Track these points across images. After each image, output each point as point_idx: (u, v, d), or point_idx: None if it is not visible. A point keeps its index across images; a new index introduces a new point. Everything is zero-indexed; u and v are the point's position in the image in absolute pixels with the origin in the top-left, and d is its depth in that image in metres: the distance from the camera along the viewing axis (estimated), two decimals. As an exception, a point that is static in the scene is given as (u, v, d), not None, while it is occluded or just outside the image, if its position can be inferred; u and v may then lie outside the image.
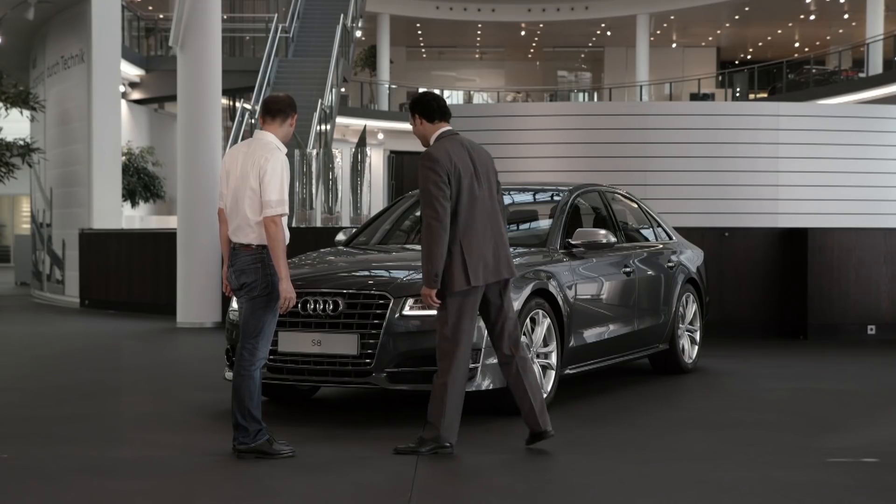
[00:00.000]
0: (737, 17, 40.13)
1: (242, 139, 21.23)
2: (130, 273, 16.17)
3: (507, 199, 9.33)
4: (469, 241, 6.17)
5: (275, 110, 6.21)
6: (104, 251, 16.78)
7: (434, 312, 6.91)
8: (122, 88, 21.78)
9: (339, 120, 28.38)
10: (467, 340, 6.22)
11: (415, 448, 6.19)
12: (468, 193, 6.21)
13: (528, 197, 9.27)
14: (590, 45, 45.78)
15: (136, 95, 25.69)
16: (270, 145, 6.13)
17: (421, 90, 7.03)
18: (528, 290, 7.27)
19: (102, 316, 15.64)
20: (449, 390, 6.16)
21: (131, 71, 24.38)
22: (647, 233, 9.70)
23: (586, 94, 46.31)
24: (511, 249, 7.86)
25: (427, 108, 6.37)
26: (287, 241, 6.14)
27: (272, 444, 6.09)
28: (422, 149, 6.42)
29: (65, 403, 8.17)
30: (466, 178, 6.21)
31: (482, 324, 6.70)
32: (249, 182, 6.04)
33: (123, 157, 21.27)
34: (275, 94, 6.36)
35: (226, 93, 22.91)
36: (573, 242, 8.11)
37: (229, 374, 7.59)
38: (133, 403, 8.46)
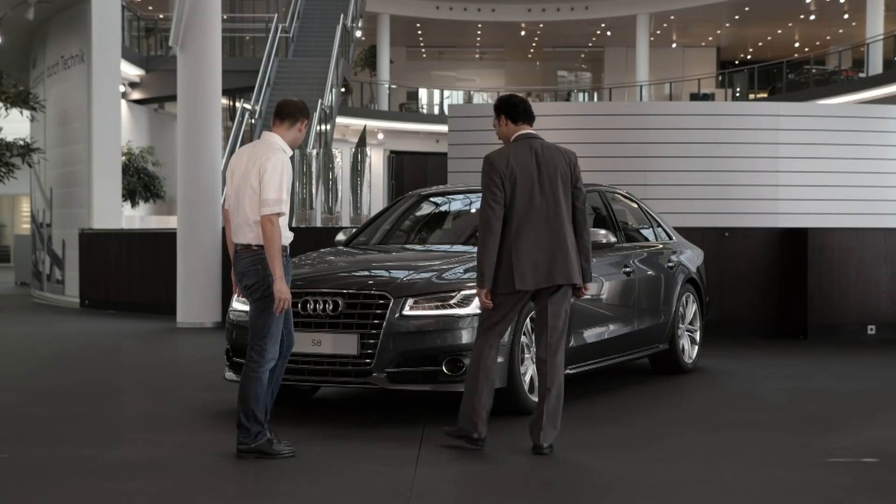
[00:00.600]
0: (737, 17, 40.13)
1: (242, 139, 21.26)
2: (130, 273, 16.17)
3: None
4: (519, 245, 6.18)
5: (284, 113, 6.23)
6: (104, 251, 16.79)
7: (433, 313, 6.95)
8: (122, 88, 21.78)
9: (339, 120, 28.38)
10: (498, 339, 6.29)
11: (453, 433, 6.34)
12: (525, 198, 6.22)
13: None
14: (590, 45, 45.78)
15: (136, 95, 25.69)
16: (274, 146, 6.15)
17: (506, 93, 7.29)
18: (528, 290, 7.26)
19: (102, 316, 15.64)
20: (478, 383, 6.25)
21: (131, 71, 24.38)
22: (647, 233, 9.70)
23: (586, 94, 46.30)
24: None
25: (514, 110, 6.47)
26: (289, 241, 6.13)
27: (272, 445, 6.09)
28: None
29: (65, 403, 8.17)
30: (525, 182, 6.22)
31: None
32: (250, 180, 6.04)
33: (123, 157, 21.26)
34: (288, 98, 6.39)
35: (226, 93, 22.90)
36: (573, 242, 8.09)
37: (229, 374, 7.61)
38: (133, 403, 8.46)
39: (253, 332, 6.10)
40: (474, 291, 6.93)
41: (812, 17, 39.07)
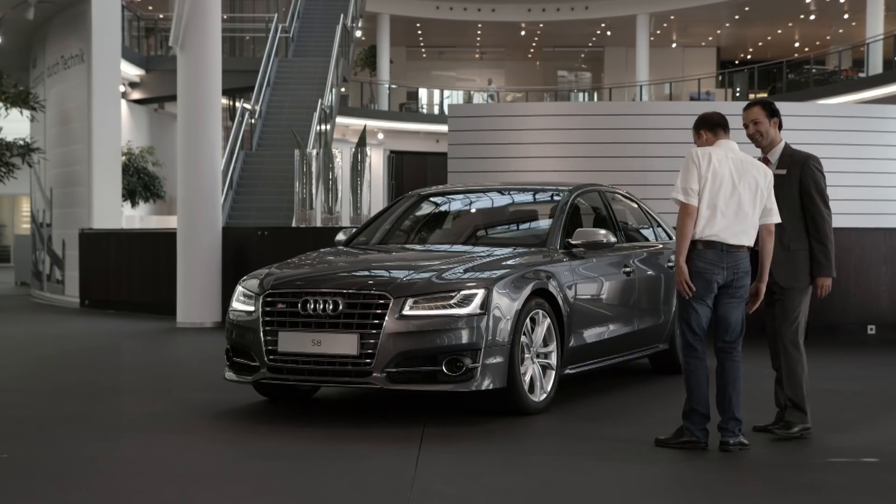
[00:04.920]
0: (737, 17, 40.13)
1: (242, 139, 21.29)
2: (130, 273, 16.17)
3: (507, 199, 9.38)
4: None
5: (718, 124, 7.04)
6: (104, 251, 16.79)
7: (433, 313, 6.96)
8: (122, 88, 21.79)
9: (339, 120, 28.39)
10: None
11: (787, 433, 6.71)
12: None
13: (528, 197, 9.27)
14: (590, 45, 45.78)
15: (136, 95, 25.70)
16: (748, 157, 6.80)
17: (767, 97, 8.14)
18: (527, 290, 7.25)
19: (102, 316, 15.64)
20: (799, 376, 6.86)
21: (131, 71, 24.39)
22: (647, 233, 9.69)
23: (586, 94, 46.30)
24: (511, 249, 7.90)
25: (775, 112, 7.38)
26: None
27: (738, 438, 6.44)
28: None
29: (65, 403, 8.17)
30: None
31: (492, 323, 6.92)
32: (750, 189, 6.54)
33: (123, 157, 21.27)
34: (706, 115, 7.21)
35: (226, 93, 22.91)
36: (573, 242, 8.10)
37: (229, 374, 7.60)
38: (133, 403, 8.46)
39: (734, 333, 6.80)
40: (474, 291, 6.95)
41: (812, 17, 39.08)
